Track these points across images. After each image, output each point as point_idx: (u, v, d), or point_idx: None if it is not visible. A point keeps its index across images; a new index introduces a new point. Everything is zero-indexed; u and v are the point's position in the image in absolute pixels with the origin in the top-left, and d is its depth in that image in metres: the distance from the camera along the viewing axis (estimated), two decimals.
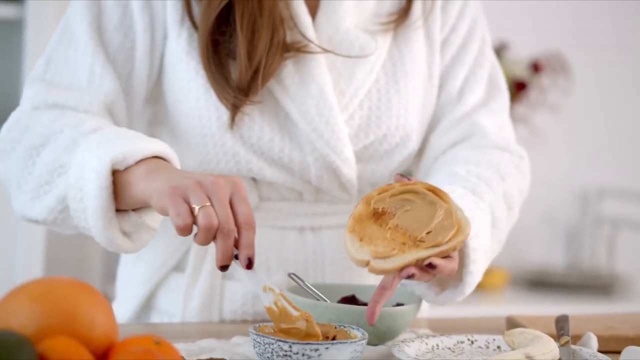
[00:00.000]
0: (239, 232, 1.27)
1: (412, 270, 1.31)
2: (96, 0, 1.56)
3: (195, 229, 1.27)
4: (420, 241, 1.33)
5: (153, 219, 1.42)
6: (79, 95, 1.52)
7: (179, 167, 1.41)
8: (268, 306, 1.29)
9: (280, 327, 1.28)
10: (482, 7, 1.74)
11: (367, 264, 1.31)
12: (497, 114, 1.70)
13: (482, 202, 1.52)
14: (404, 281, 1.49)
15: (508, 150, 1.67)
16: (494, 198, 1.56)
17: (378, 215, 1.36)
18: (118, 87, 1.54)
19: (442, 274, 1.34)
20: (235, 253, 1.27)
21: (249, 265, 1.27)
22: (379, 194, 1.37)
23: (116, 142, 1.38)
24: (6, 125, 1.52)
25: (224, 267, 1.26)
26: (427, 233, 1.33)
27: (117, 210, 1.39)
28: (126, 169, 1.36)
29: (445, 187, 1.46)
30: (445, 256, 1.34)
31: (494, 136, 1.67)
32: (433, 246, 1.32)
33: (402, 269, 1.31)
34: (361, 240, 1.33)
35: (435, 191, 1.37)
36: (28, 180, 1.46)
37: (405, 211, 1.35)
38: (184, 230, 1.25)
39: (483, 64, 1.70)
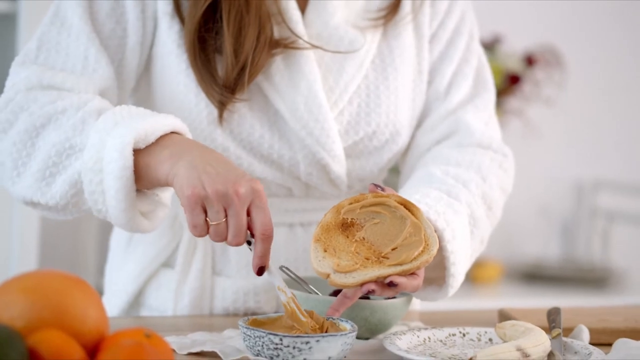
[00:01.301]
0: (255, 241, 1.31)
1: (372, 286, 1.31)
2: None
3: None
4: (384, 257, 1.33)
5: (166, 196, 1.45)
6: (74, 78, 1.50)
7: (190, 137, 1.42)
8: (284, 302, 1.32)
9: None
10: (476, 1, 1.74)
11: (327, 276, 1.32)
12: (482, 110, 1.69)
13: (457, 204, 1.51)
14: None
15: (491, 149, 1.66)
16: (472, 199, 1.55)
17: (346, 226, 1.36)
18: (112, 73, 1.53)
19: (405, 290, 1.34)
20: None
21: (260, 273, 1.32)
22: (350, 203, 1.37)
23: (134, 120, 1.38)
24: None
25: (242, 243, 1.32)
26: (393, 249, 1.33)
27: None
28: (146, 148, 1.37)
29: (420, 190, 1.47)
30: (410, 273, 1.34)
31: (478, 134, 1.66)
32: (397, 264, 1.32)
33: (362, 284, 1.31)
34: (325, 251, 1.34)
35: (406, 205, 1.36)
36: (28, 162, 1.44)
37: (374, 224, 1.36)
38: (200, 236, 1.33)
39: (470, 60, 1.70)
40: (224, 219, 1.30)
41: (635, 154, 3.97)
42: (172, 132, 1.40)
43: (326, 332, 1.29)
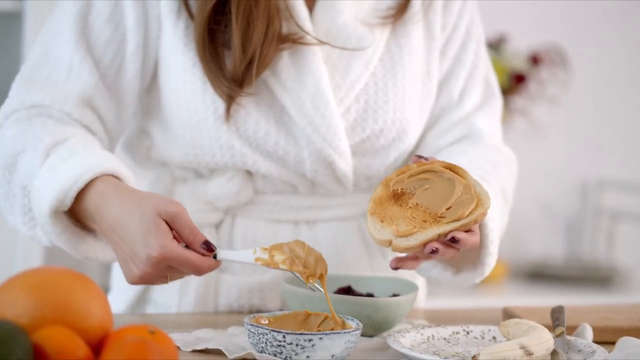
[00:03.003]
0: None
1: (435, 244, 1.32)
2: None
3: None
4: (441, 217, 1.34)
5: None
6: (53, 93, 1.51)
7: (129, 179, 1.44)
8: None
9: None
10: (479, 1, 1.74)
11: (389, 243, 1.33)
12: (491, 116, 1.72)
13: (490, 187, 1.53)
14: (422, 265, 1.50)
15: (499, 152, 1.69)
16: (497, 187, 1.58)
17: (398, 196, 1.37)
18: (97, 80, 1.53)
19: (465, 247, 1.34)
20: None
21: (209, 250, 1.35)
22: (397, 175, 1.38)
23: (56, 177, 1.40)
24: None
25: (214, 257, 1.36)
26: (447, 209, 1.34)
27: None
28: (78, 205, 1.41)
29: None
30: (467, 230, 1.35)
31: (487, 138, 1.69)
32: (454, 220, 1.33)
33: (424, 245, 1.32)
34: (382, 221, 1.34)
35: (452, 168, 1.38)
36: (13, 206, 1.48)
37: (424, 190, 1.36)
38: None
39: (479, 65, 1.71)
40: (168, 278, 1.37)
41: None
42: (90, 183, 1.41)
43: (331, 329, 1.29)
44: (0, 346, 0.97)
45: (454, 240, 1.32)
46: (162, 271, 1.34)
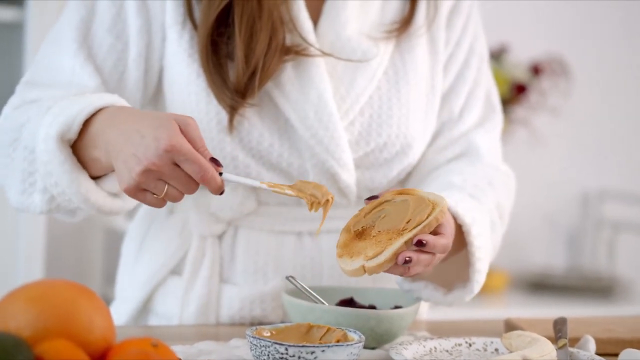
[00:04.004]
0: (203, 182, 1.33)
1: (407, 253, 1.32)
2: (89, 1, 1.56)
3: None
4: (403, 230, 1.35)
5: None
6: (53, 92, 1.53)
7: (116, 102, 1.45)
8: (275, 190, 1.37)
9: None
10: (482, 11, 1.75)
11: (363, 269, 1.33)
12: (490, 133, 1.72)
13: (480, 206, 1.54)
14: (410, 287, 1.51)
15: (497, 169, 1.70)
16: (490, 205, 1.59)
17: (360, 234, 1.38)
18: (98, 85, 1.54)
19: (436, 249, 1.34)
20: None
21: (221, 192, 1.34)
22: (355, 218, 1.40)
23: (60, 114, 1.42)
24: None
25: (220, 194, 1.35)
26: (407, 222, 1.35)
27: (96, 178, 1.46)
28: (81, 137, 1.42)
29: (444, 192, 1.48)
30: (435, 234, 1.35)
31: (486, 156, 1.69)
32: (415, 227, 1.34)
33: (396, 258, 1.32)
34: (351, 257, 1.35)
35: (403, 192, 1.40)
36: (12, 177, 1.49)
37: (383, 218, 1.38)
38: (160, 207, 1.37)
39: (481, 82, 1.72)
40: (166, 186, 1.33)
41: None
42: (100, 110, 1.42)
43: (334, 342, 1.29)
44: (3, 358, 0.97)
45: (420, 243, 1.32)
46: (166, 167, 1.31)
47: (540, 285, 3.70)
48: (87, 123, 1.42)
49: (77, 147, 1.44)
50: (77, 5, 1.57)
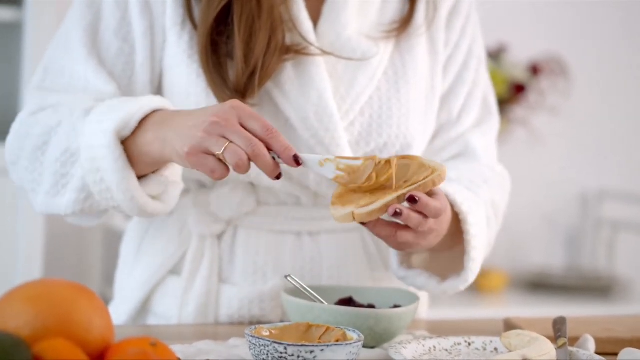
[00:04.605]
0: (266, 144, 1.33)
1: (398, 206, 1.32)
2: (94, 5, 1.57)
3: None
4: (398, 188, 1.35)
5: (173, 173, 1.50)
6: (72, 97, 1.54)
7: (170, 106, 1.47)
8: (334, 177, 1.35)
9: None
10: (481, 11, 1.75)
11: (352, 216, 1.33)
12: (487, 134, 1.73)
13: (477, 198, 1.56)
14: (405, 274, 1.52)
15: (492, 170, 1.71)
16: (486, 199, 1.60)
17: (356, 189, 1.37)
18: (114, 90, 1.55)
19: (428, 209, 1.34)
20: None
21: (297, 162, 1.34)
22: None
23: (113, 112, 1.43)
24: (9, 138, 1.55)
25: (278, 177, 1.35)
26: (405, 182, 1.35)
27: (140, 178, 1.45)
28: (133, 136, 1.42)
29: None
30: (430, 195, 1.35)
31: (483, 157, 1.71)
32: (411, 185, 1.34)
33: (387, 209, 1.32)
34: (344, 205, 1.35)
35: (405, 157, 1.39)
36: (41, 180, 1.50)
37: (383, 175, 1.36)
38: (225, 176, 1.33)
39: (479, 84, 1.73)
40: (228, 143, 1.32)
41: None
42: (153, 111, 1.44)
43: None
44: (1, 358, 0.97)
45: (413, 199, 1.32)
46: (231, 120, 1.32)
47: (540, 285, 3.70)
48: (140, 122, 1.43)
49: (126, 145, 1.44)
50: (83, 9, 1.57)
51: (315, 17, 1.62)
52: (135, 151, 1.43)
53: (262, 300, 1.61)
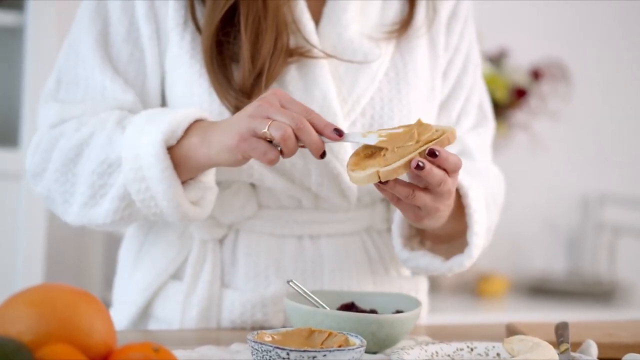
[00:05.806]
0: (310, 117, 1.37)
1: (421, 159, 1.33)
2: (101, 12, 1.57)
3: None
4: (417, 146, 1.35)
5: (209, 178, 1.52)
6: (93, 107, 1.55)
7: (210, 118, 1.50)
8: (377, 142, 1.36)
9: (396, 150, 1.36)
10: (482, 15, 1.76)
11: (376, 174, 1.33)
12: (482, 138, 1.75)
13: (477, 184, 1.57)
14: (408, 255, 1.55)
15: (488, 169, 1.73)
16: (483, 184, 1.61)
17: (370, 156, 1.38)
18: (133, 97, 1.56)
19: (448, 163, 1.35)
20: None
21: (340, 134, 1.37)
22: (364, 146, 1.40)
23: (157, 121, 1.46)
24: (30, 150, 1.57)
25: (322, 155, 1.38)
26: (417, 141, 1.36)
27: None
28: (178, 143, 1.45)
29: None
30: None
31: (478, 158, 1.72)
32: (427, 142, 1.35)
33: (409, 164, 1.33)
34: (364, 169, 1.35)
35: (407, 125, 1.40)
36: (74, 191, 1.51)
37: (424, 134, 1.37)
38: (277, 160, 1.37)
39: (476, 88, 1.75)
40: (271, 121, 1.36)
41: None
42: (195, 121, 1.47)
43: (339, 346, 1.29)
44: None
45: (433, 153, 1.33)
46: (272, 103, 1.37)
47: (541, 290, 3.70)
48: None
49: (170, 152, 1.46)
50: (91, 16, 1.57)
51: (316, 18, 1.62)
52: (179, 158, 1.46)
53: (265, 305, 1.60)
